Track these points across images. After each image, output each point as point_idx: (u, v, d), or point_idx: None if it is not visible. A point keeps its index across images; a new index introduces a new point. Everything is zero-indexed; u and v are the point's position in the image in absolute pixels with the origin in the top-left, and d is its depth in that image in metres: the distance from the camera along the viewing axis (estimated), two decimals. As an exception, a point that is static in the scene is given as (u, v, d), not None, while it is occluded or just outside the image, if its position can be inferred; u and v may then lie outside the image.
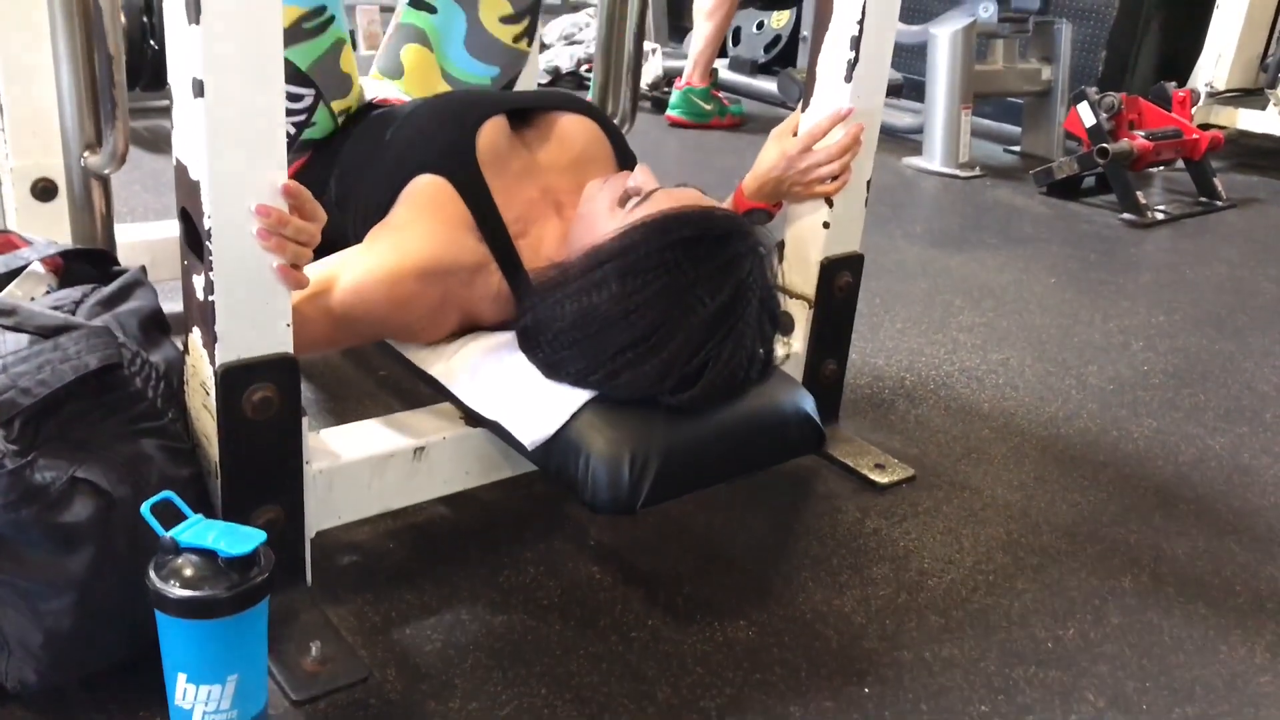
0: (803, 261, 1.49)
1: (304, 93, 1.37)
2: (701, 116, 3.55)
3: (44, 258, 1.12)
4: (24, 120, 1.51)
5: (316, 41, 1.35)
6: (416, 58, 1.57)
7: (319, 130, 1.43)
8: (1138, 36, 3.76)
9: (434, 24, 1.56)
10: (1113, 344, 2.05)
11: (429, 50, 1.57)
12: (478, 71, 1.58)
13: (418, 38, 1.57)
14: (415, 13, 1.57)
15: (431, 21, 1.56)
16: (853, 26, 1.35)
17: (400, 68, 1.58)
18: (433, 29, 1.57)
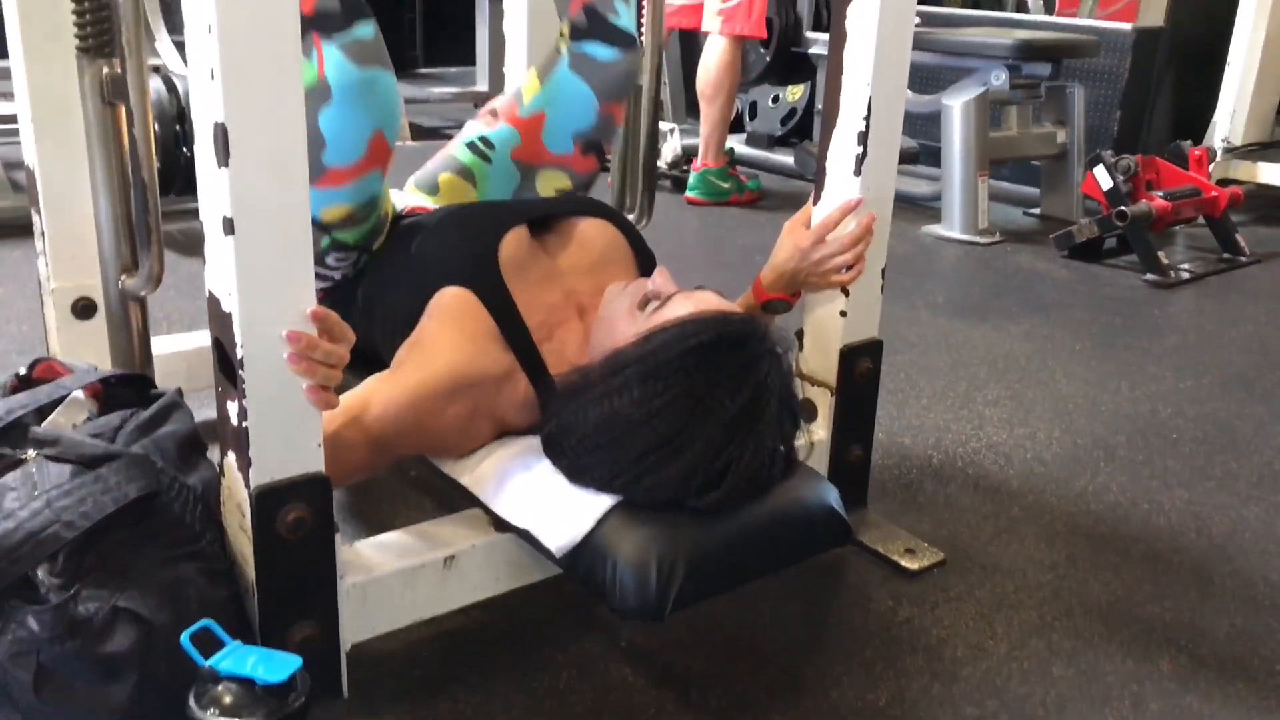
0: (823, 350, 1.51)
1: (351, 254, 1.40)
2: (720, 195, 3.60)
3: (84, 385, 1.16)
4: (64, 244, 1.57)
5: (366, 222, 1.37)
6: (455, 187, 1.58)
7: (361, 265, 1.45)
8: (1151, 96, 3.79)
9: (484, 169, 1.58)
10: (1140, 412, 2.05)
11: (470, 186, 1.58)
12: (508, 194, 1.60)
13: (463, 173, 1.58)
14: (470, 153, 1.58)
15: (483, 166, 1.58)
16: (860, 123, 1.38)
17: (436, 188, 1.59)
18: (482, 172, 1.58)
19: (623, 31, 1.54)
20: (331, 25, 1.25)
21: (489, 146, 1.58)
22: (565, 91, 1.55)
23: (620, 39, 1.54)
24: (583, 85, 1.54)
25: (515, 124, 1.58)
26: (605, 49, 1.54)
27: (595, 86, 1.54)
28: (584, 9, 1.54)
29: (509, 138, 1.57)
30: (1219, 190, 3.15)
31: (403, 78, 6.48)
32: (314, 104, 1.22)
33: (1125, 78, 3.70)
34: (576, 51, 1.55)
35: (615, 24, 1.53)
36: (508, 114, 1.59)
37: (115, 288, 1.40)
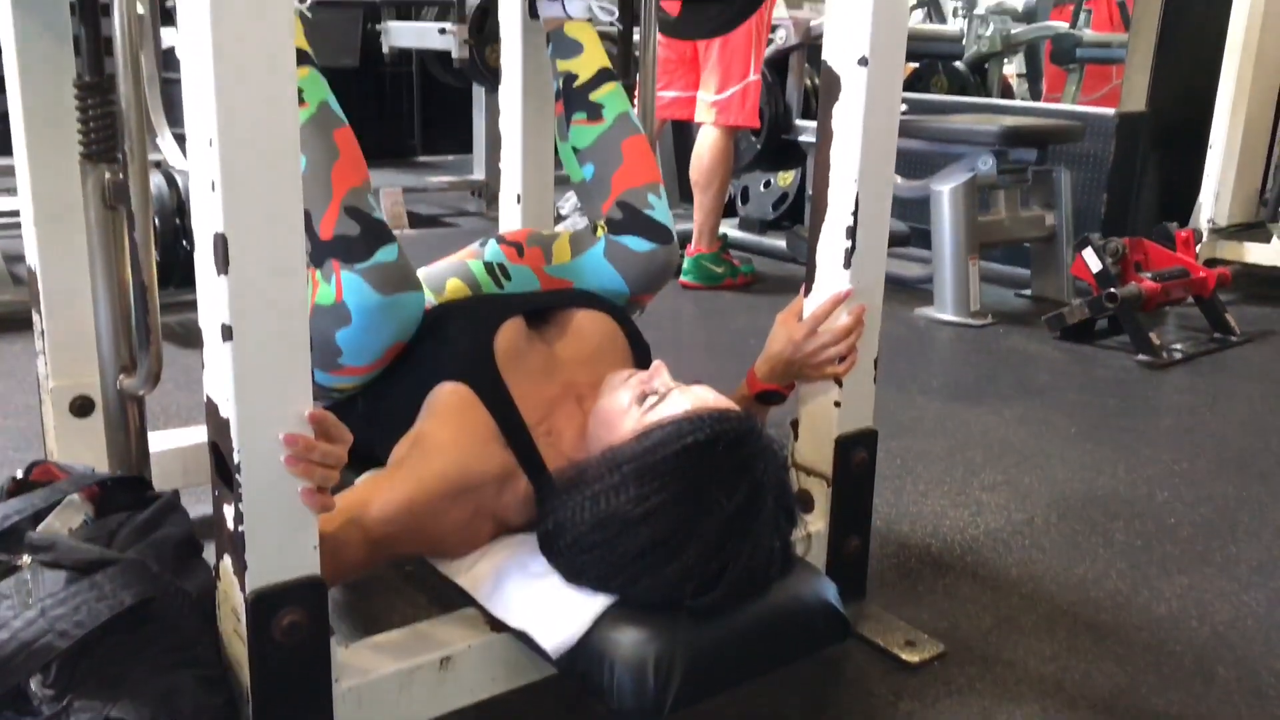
0: (818, 440, 1.51)
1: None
2: (714, 279, 3.64)
3: (81, 488, 1.16)
4: (63, 343, 1.59)
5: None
6: (460, 293, 1.58)
7: None
8: (1136, 178, 3.86)
9: (495, 290, 1.56)
10: (1138, 496, 2.05)
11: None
12: None
13: (471, 284, 1.55)
14: (486, 273, 1.56)
15: (494, 288, 1.56)
16: (848, 217, 1.40)
17: (443, 290, 1.59)
18: (491, 291, 1.56)
19: (659, 225, 1.54)
20: (352, 254, 1.26)
21: (506, 276, 1.56)
22: (596, 274, 1.55)
23: (658, 233, 1.54)
24: (615, 274, 1.54)
25: (538, 275, 1.57)
26: (644, 242, 1.54)
27: (628, 277, 1.54)
28: (618, 203, 1.56)
29: (528, 281, 1.56)
30: (1207, 271, 3.19)
31: (401, 165, 6.62)
32: (330, 323, 1.25)
33: (1110, 161, 3.77)
34: (613, 241, 1.55)
35: (651, 217, 1.54)
36: (533, 261, 1.57)
37: (113, 387, 1.41)
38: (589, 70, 1.59)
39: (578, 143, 1.58)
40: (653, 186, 1.55)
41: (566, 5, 1.61)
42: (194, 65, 0.91)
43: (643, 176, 1.55)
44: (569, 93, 1.59)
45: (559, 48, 1.61)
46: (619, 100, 1.58)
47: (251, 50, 0.90)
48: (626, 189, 1.54)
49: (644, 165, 1.56)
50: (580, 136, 1.57)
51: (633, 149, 1.56)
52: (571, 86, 1.59)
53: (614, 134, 1.56)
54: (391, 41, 4.82)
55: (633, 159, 1.55)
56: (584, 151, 1.57)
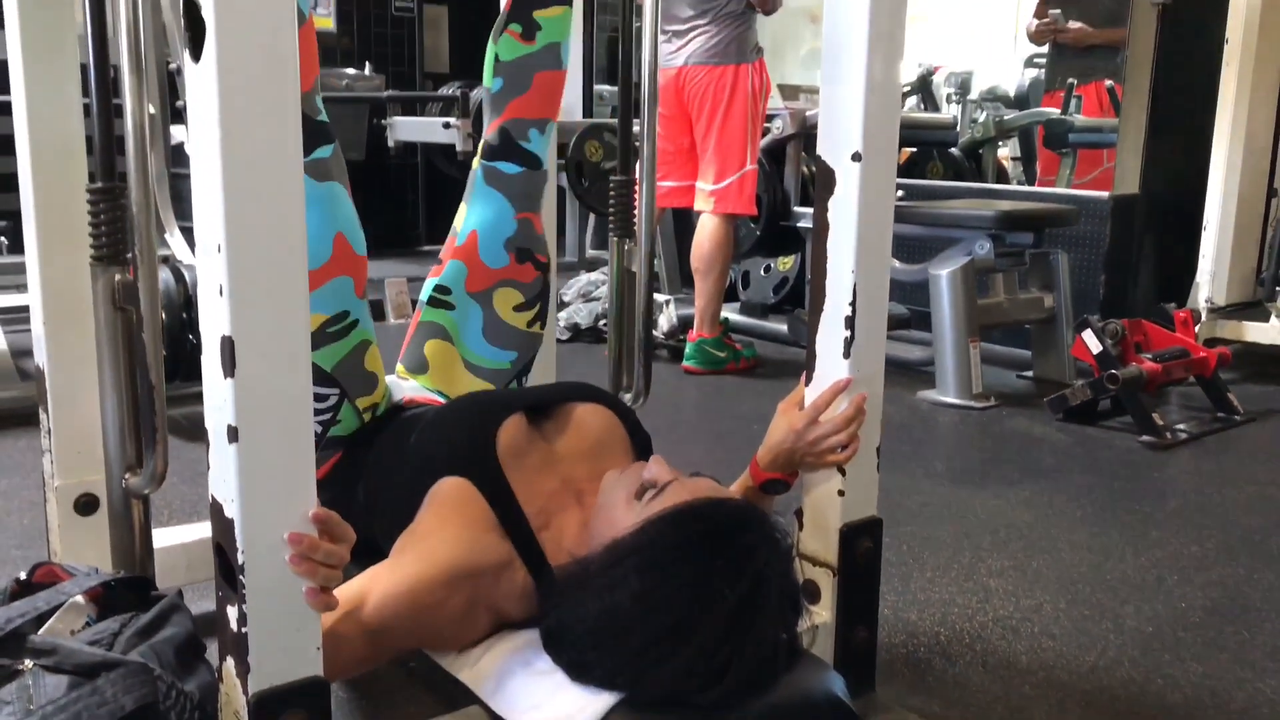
0: (822, 530, 1.51)
1: (329, 392, 1.45)
2: (716, 364, 3.66)
3: (84, 590, 1.16)
4: (69, 442, 1.60)
5: (341, 344, 1.44)
6: (438, 351, 1.66)
7: (345, 427, 1.49)
8: (1133, 259, 3.90)
9: (452, 319, 1.66)
10: (1147, 580, 2.03)
11: (450, 344, 1.66)
12: (497, 358, 1.67)
13: (438, 333, 1.67)
14: (434, 310, 1.68)
15: (450, 316, 1.67)
16: (846, 308, 1.42)
17: (425, 363, 1.66)
18: (451, 323, 1.67)
19: (530, 153, 1.65)
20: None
21: (446, 293, 1.67)
22: (485, 204, 1.66)
23: (527, 159, 1.65)
24: (498, 195, 1.65)
25: (457, 255, 1.67)
26: (512, 166, 1.65)
27: (508, 196, 1.65)
28: (500, 128, 1.65)
29: (457, 273, 1.66)
30: (1207, 351, 3.20)
31: (405, 254, 6.68)
32: None
33: (1107, 243, 3.81)
34: (488, 167, 1.66)
35: (523, 147, 1.65)
36: (448, 251, 1.69)
37: (119, 486, 1.41)
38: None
39: (501, 53, 1.64)
40: (539, 123, 1.64)
41: None
42: (203, 173, 0.93)
43: (536, 111, 1.63)
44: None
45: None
46: (558, 28, 1.63)
47: (259, 159, 0.92)
48: (515, 117, 1.63)
49: (543, 101, 1.64)
50: (506, 48, 1.63)
51: (543, 82, 1.63)
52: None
53: (534, 61, 1.62)
54: (397, 136, 4.93)
55: (537, 91, 1.63)
56: (502, 64, 1.64)
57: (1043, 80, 5.27)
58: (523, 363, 1.68)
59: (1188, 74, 3.89)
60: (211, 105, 0.91)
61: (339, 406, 1.47)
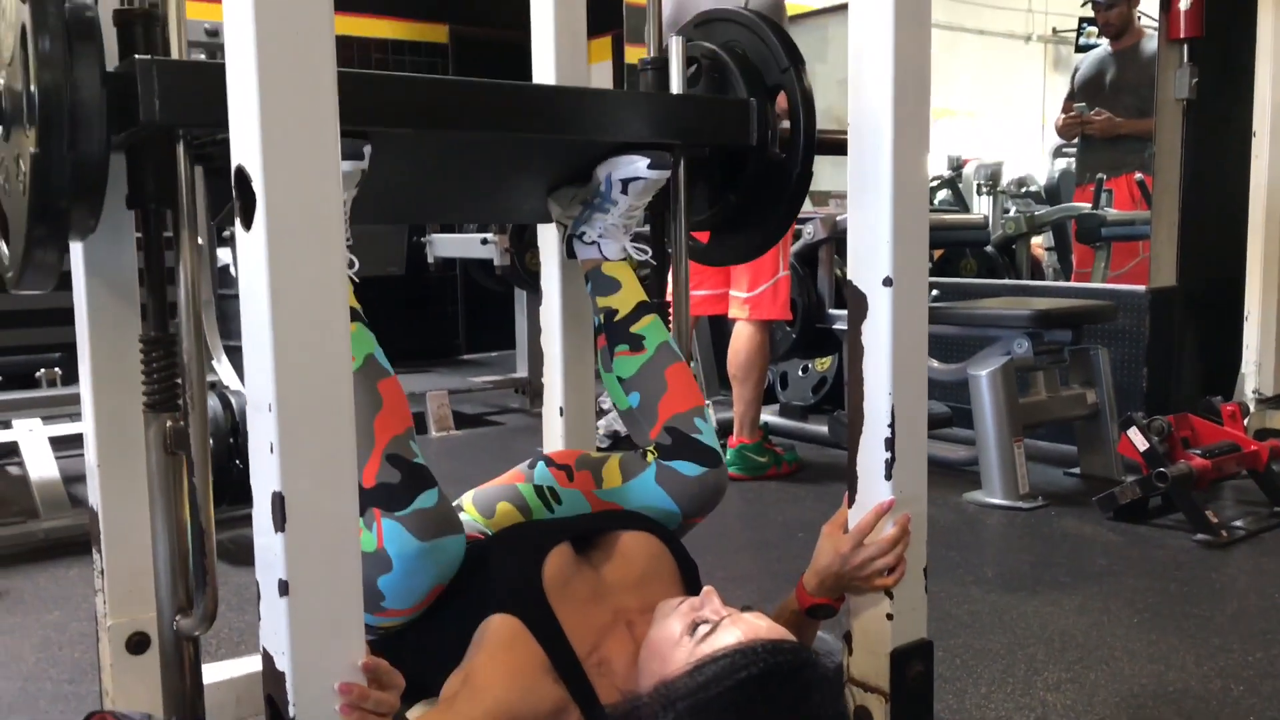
0: (872, 655, 1.49)
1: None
2: (757, 469, 3.65)
3: (136, 740, 1.17)
4: (122, 580, 1.62)
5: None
6: (509, 518, 1.58)
7: None
8: (1174, 352, 3.87)
9: (545, 515, 1.58)
10: (1211, 692, 1.97)
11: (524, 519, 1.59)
12: None
13: (524, 510, 1.58)
14: (537, 499, 1.58)
15: (544, 512, 1.58)
16: (885, 430, 1.43)
17: (493, 514, 1.60)
18: (541, 515, 1.58)
19: (708, 449, 1.55)
20: (392, 501, 1.27)
21: (556, 500, 1.58)
22: (648, 499, 1.55)
23: (707, 457, 1.55)
24: (667, 498, 1.54)
25: (589, 498, 1.58)
26: (694, 466, 1.54)
27: (680, 501, 1.54)
28: (665, 429, 1.57)
29: (578, 504, 1.58)
30: (1258, 444, 3.15)
31: (446, 365, 6.79)
32: (372, 569, 1.25)
33: (1147, 336, 3.79)
34: (664, 465, 1.56)
35: (700, 441, 1.56)
36: (583, 485, 1.59)
37: (170, 628, 1.43)
38: (628, 305, 1.65)
39: (621, 373, 1.62)
40: (698, 411, 1.58)
41: (602, 248, 1.68)
42: (254, 335, 0.97)
43: (688, 401, 1.58)
44: (610, 327, 1.64)
45: (597, 285, 1.68)
46: (659, 331, 1.64)
47: (308, 322, 0.96)
48: (673, 414, 1.57)
49: (688, 391, 1.60)
50: (624, 367, 1.62)
51: (676, 375, 1.60)
52: (612, 321, 1.64)
53: (656, 362, 1.61)
54: (436, 252, 5.04)
55: (676, 385, 1.59)
56: (628, 380, 1.61)
57: (1073, 171, 5.30)
58: None
59: (1218, 165, 3.91)
60: (262, 272, 0.95)
61: None
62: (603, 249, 1.68)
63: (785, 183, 1.78)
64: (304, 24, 0.95)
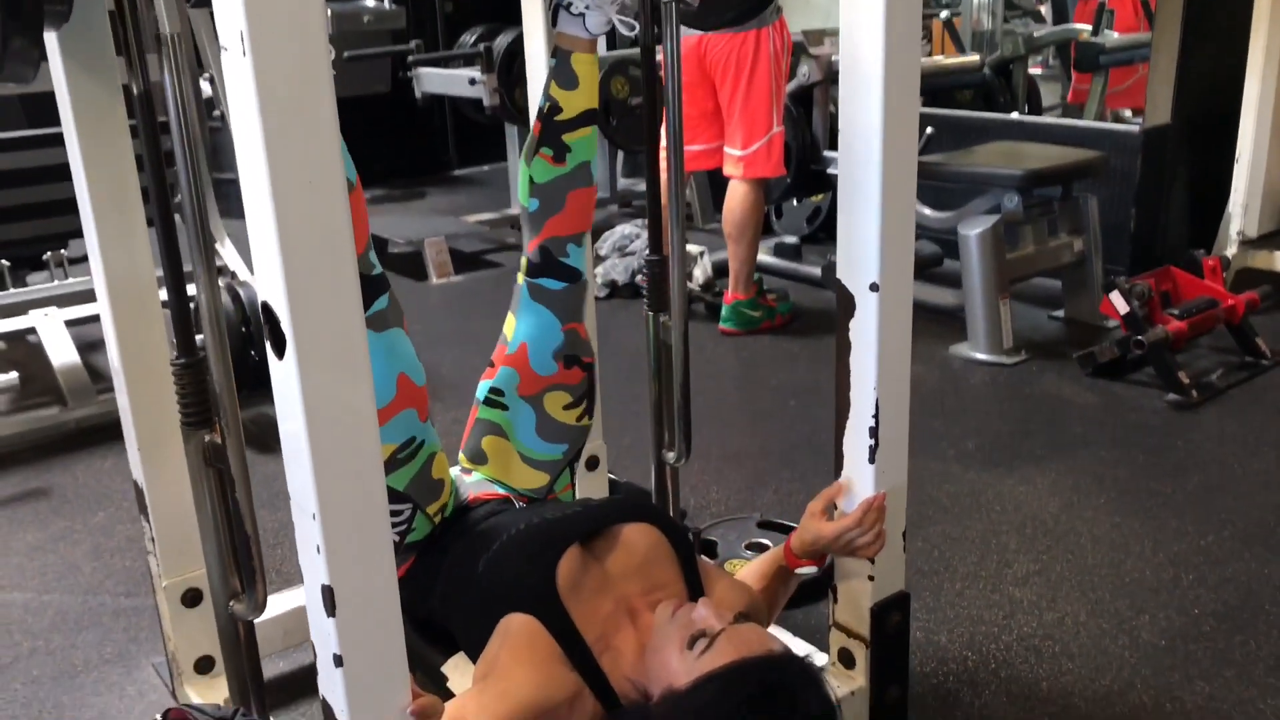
0: (854, 607, 1.66)
1: (402, 507, 1.60)
2: (752, 324, 3.76)
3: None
4: (172, 543, 1.78)
5: (410, 465, 1.58)
6: (495, 445, 1.79)
7: (419, 534, 1.65)
8: (1165, 192, 3.90)
9: (506, 418, 1.78)
10: (1163, 582, 2.17)
11: (505, 439, 1.78)
12: (549, 451, 1.79)
13: (494, 430, 1.78)
14: (490, 410, 1.79)
15: (504, 416, 1.78)
16: (870, 419, 1.54)
17: (483, 455, 1.78)
18: (506, 422, 1.78)
19: (570, 268, 1.74)
20: None
21: (500, 395, 1.78)
22: (532, 320, 1.76)
23: (568, 274, 1.74)
24: (544, 311, 1.75)
25: (508, 363, 1.78)
26: (555, 282, 1.74)
27: (553, 310, 1.75)
28: (540, 247, 1.74)
29: (509, 379, 1.78)
30: (1235, 298, 3.26)
31: (437, 184, 6.74)
32: None
33: (1138, 177, 3.82)
34: (533, 284, 1.75)
35: (564, 262, 1.74)
36: (500, 358, 1.80)
37: (225, 614, 1.58)
38: (575, 108, 1.70)
39: (535, 175, 1.73)
40: (575, 238, 1.74)
41: (588, 20, 1.66)
42: (296, 457, 1.07)
43: (571, 228, 1.73)
44: (548, 122, 1.71)
45: (559, 72, 1.70)
46: (587, 148, 1.72)
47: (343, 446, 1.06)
48: (553, 235, 1.73)
49: (578, 218, 1.74)
50: (540, 171, 1.72)
51: (575, 199, 1.73)
52: (553, 118, 1.70)
53: (566, 181, 1.72)
54: (423, 88, 4.95)
55: (571, 209, 1.73)
56: (537, 185, 1.73)
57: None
58: (574, 452, 1.81)
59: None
60: (297, 400, 1.04)
61: (412, 517, 1.62)
62: (588, 21, 1.67)
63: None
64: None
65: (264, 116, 0.97)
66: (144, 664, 2.04)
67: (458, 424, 1.57)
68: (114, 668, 2.04)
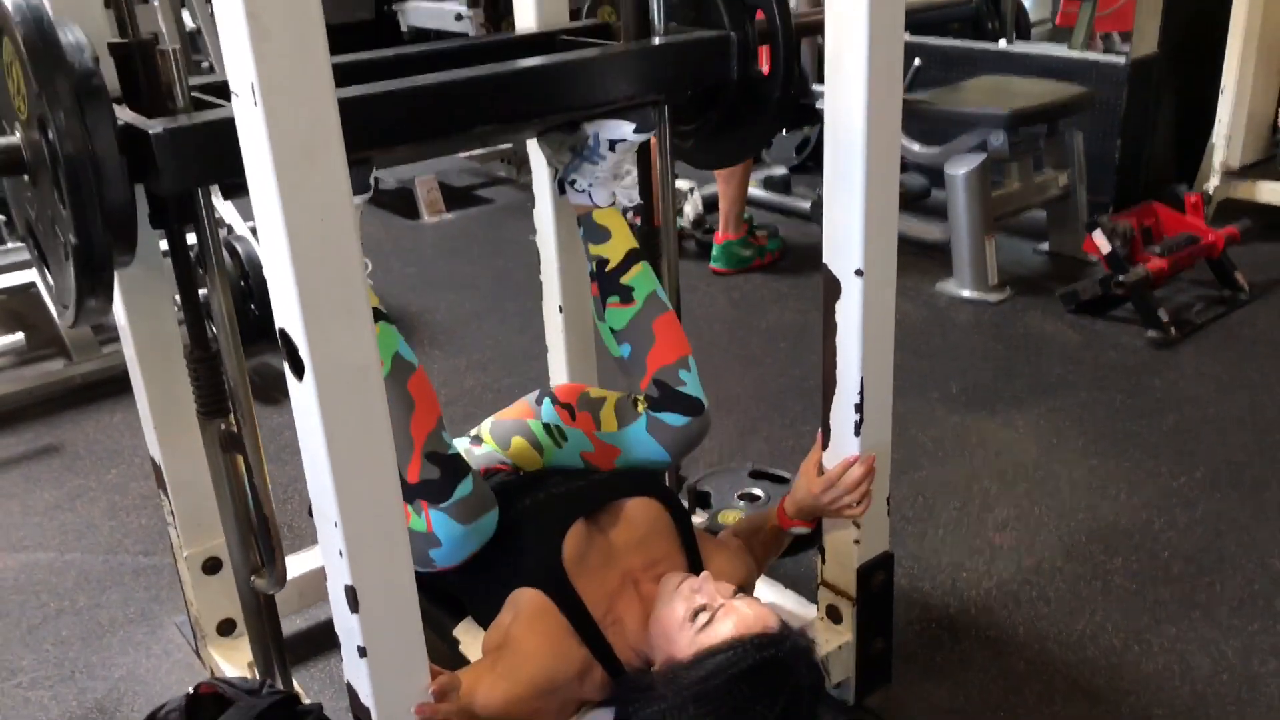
0: (842, 568, 1.76)
1: None
2: (743, 262, 3.81)
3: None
4: (190, 516, 1.85)
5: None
6: (525, 453, 1.82)
7: None
8: (1150, 124, 3.92)
9: (555, 452, 1.80)
10: (1136, 524, 2.28)
11: (539, 456, 1.82)
12: (576, 466, 1.82)
13: (535, 446, 1.80)
14: (546, 436, 1.80)
15: (554, 450, 1.80)
16: (855, 396, 1.62)
17: (509, 446, 1.83)
18: (551, 452, 1.80)
19: (692, 400, 1.73)
20: (435, 495, 1.49)
21: (563, 438, 1.79)
22: (640, 446, 1.75)
23: (691, 407, 1.72)
24: (656, 446, 1.74)
25: (590, 438, 1.78)
26: (679, 417, 1.73)
27: (669, 448, 1.74)
28: (654, 382, 1.74)
29: (582, 443, 1.78)
30: (1215, 234, 3.32)
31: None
32: (424, 545, 1.50)
33: (1124, 109, 3.83)
34: (653, 417, 1.74)
35: (684, 393, 1.73)
36: (584, 426, 1.78)
37: (247, 588, 1.67)
38: (618, 254, 1.77)
39: (614, 324, 1.77)
40: (683, 362, 1.75)
41: (593, 196, 1.78)
42: (316, 469, 1.15)
43: (674, 353, 1.75)
44: (602, 276, 1.78)
45: (589, 232, 1.79)
46: (647, 281, 1.77)
47: (360, 456, 1.13)
48: (660, 367, 1.74)
49: (674, 342, 1.76)
50: (615, 319, 1.77)
51: (663, 328, 1.76)
52: (604, 271, 1.77)
53: (645, 315, 1.76)
54: (409, 21, 4.90)
55: (663, 337, 1.75)
56: (619, 333, 1.77)
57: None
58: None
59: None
60: (316, 422, 1.11)
61: None
62: (593, 197, 1.80)
63: (766, 103, 1.85)
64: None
65: (276, 161, 1.02)
66: (167, 623, 2.15)
67: (455, 372, 1.59)
68: (138, 627, 2.14)
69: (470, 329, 3.48)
